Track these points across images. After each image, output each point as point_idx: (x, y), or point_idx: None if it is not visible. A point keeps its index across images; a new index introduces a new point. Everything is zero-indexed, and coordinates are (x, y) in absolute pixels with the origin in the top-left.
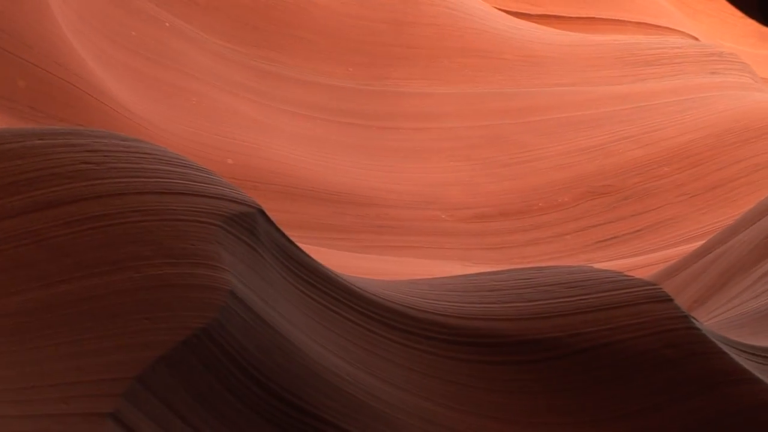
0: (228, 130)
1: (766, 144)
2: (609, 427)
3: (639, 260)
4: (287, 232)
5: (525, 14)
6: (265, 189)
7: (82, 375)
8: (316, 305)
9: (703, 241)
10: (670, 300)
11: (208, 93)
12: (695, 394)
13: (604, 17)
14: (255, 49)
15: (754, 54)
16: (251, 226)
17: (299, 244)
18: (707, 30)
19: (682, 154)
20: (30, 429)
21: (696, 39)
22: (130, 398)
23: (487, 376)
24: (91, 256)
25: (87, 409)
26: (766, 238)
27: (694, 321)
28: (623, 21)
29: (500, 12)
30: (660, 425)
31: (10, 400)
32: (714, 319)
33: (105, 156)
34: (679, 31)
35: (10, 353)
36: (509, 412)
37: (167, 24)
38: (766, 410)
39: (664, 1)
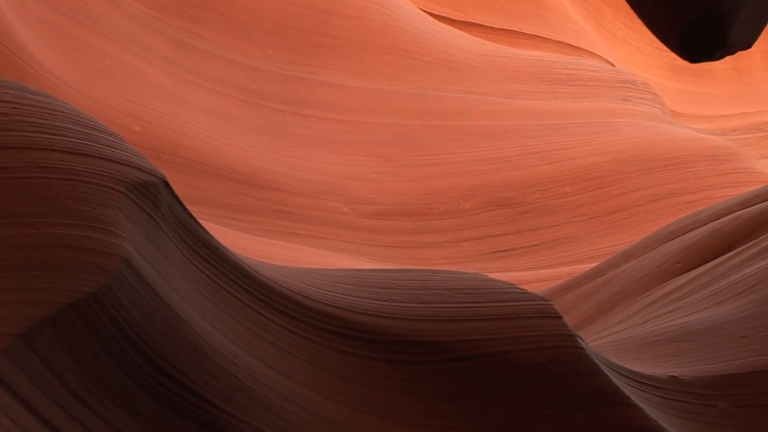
0: (139, 97)
1: (668, 176)
2: None
3: (532, 275)
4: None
5: (448, 19)
6: (169, 160)
7: None
8: (209, 283)
9: (597, 263)
10: (559, 317)
11: (123, 57)
12: (573, 412)
13: (525, 32)
14: (176, 20)
15: (666, 86)
16: (154, 196)
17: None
18: (624, 57)
19: (586, 175)
20: None
21: (612, 65)
22: (10, 354)
23: (370, 372)
24: None
25: None
26: (658, 268)
27: (579, 340)
28: (544, 38)
29: (424, 14)
30: None
31: None
32: (599, 341)
33: (14, 107)
34: (596, 54)
35: None
36: (387, 409)
37: None
38: None
39: (585, 24)
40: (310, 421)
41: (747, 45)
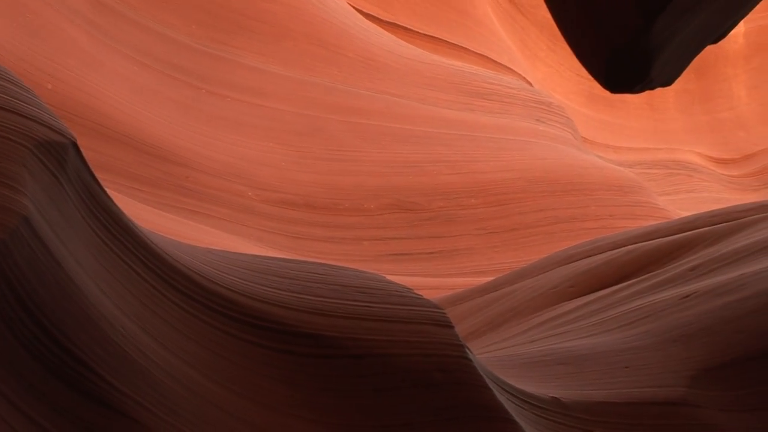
0: (55, 56)
1: (571, 200)
2: None
3: (428, 281)
4: None
5: (376, 18)
6: (79, 123)
7: None
8: (107, 250)
9: (492, 278)
10: (451, 327)
11: (45, 13)
12: (453, 422)
13: (449, 41)
14: None
15: (580, 112)
16: (62, 157)
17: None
18: (542, 78)
19: (492, 190)
20: None
21: (530, 84)
22: None
23: (258, 359)
24: None
25: None
26: (552, 290)
27: (468, 352)
28: (467, 50)
29: (353, 10)
30: None
31: None
32: (487, 354)
33: None
34: (516, 72)
35: None
36: (269, 398)
37: None
38: None
39: (509, 40)
40: (191, 401)
41: (667, 82)
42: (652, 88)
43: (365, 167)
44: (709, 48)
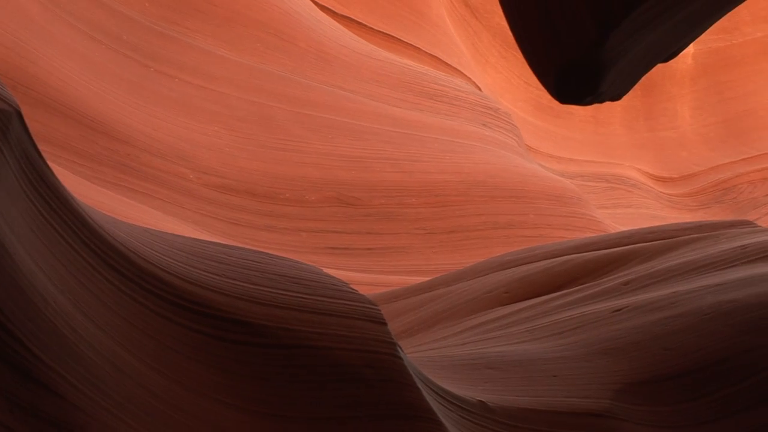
0: (6, 24)
1: (511, 207)
2: (280, 424)
3: (363, 276)
4: None
5: (331, 11)
6: (23, 93)
7: None
8: (43, 223)
9: (428, 278)
10: (384, 324)
11: None
12: (378, 418)
13: (403, 39)
14: None
15: (526, 120)
16: (4, 126)
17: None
18: (492, 84)
19: (433, 191)
20: None
21: (479, 89)
22: None
23: (189, 342)
24: None
25: None
26: (486, 294)
27: (400, 350)
28: (419, 49)
29: (308, 1)
30: None
31: None
32: (417, 354)
33: None
34: (466, 75)
35: None
36: (198, 382)
37: None
38: None
39: (461, 44)
40: (119, 380)
41: (617, 97)
42: (601, 102)
43: (309, 158)
44: (658, 66)
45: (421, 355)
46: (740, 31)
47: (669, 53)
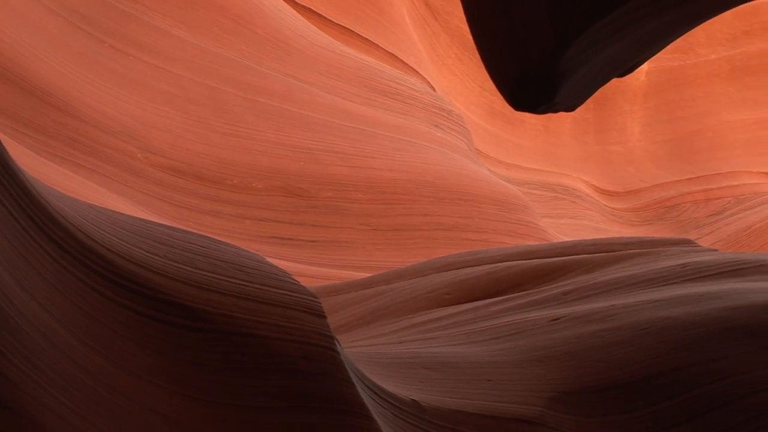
0: None
1: (456, 209)
2: (213, 410)
3: (305, 268)
4: None
5: (291, 0)
6: None
7: None
8: None
9: (370, 274)
10: (324, 317)
11: None
12: (311, 411)
13: (361, 35)
14: None
15: (478, 124)
16: None
17: None
18: (446, 85)
19: (381, 188)
20: None
21: (433, 89)
22: None
23: (127, 322)
24: None
25: None
26: (426, 294)
27: (337, 344)
28: (377, 46)
29: None
30: (266, 426)
31: None
32: (354, 349)
33: None
34: (421, 75)
35: None
36: (133, 363)
37: None
38: None
39: (419, 43)
40: (53, 356)
41: (571, 108)
42: (555, 112)
43: (259, 146)
44: (612, 81)
45: (358, 350)
46: (695, 52)
47: (625, 68)
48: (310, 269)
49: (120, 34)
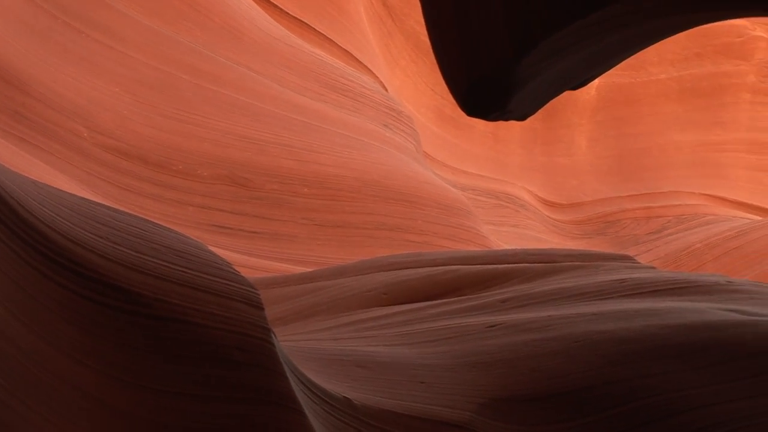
0: None
1: (400, 210)
2: (143, 394)
3: (245, 259)
4: None
5: None
6: None
7: None
8: None
9: (310, 269)
10: (262, 309)
11: None
12: (243, 402)
13: (317, 29)
14: None
15: (427, 127)
16: None
17: None
18: (398, 86)
19: (326, 184)
20: None
21: (385, 89)
22: None
23: (63, 302)
24: None
25: None
26: (365, 293)
27: (273, 337)
28: (332, 41)
29: None
30: (196, 414)
31: None
32: (290, 343)
33: None
34: (374, 74)
35: None
36: (66, 343)
37: None
38: None
39: (374, 42)
40: None
41: (522, 117)
42: (506, 120)
43: (207, 134)
44: (563, 93)
45: (294, 344)
46: (646, 71)
47: (579, 82)
48: (249, 260)
49: (74, 12)
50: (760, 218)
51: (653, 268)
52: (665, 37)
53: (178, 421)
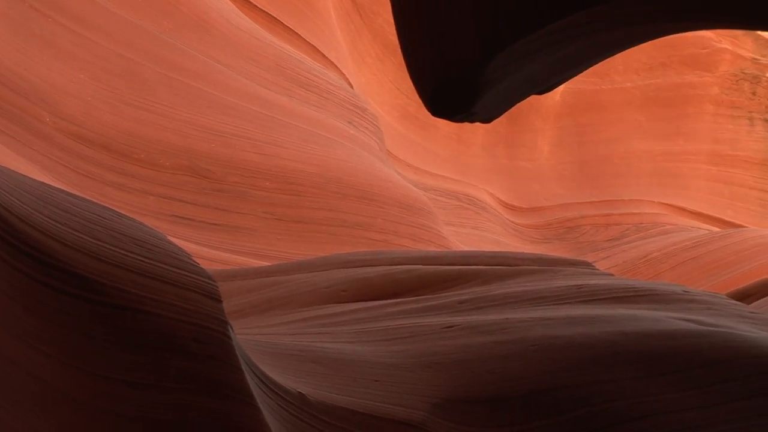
0: None
1: (361, 208)
2: (97, 383)
3: (204, 251)
4: None
5: None
6: None
7: None
8: None
9: (268, 263)
10: (220, 301)
11: None
12: (196, 393)
13: (285, 23)
14: None
15: (391, 125)
16: None
17: None
18: (364, 84)
19: (288, 178)
20: None
21: (351, 86)
22: None
23: (19, 286)
24: None
25: None
26: (324, 289)
27: (230, 329)
28: (300, 37)
29: None
30: (150, 404)
31: None
32: (246, 336)
33: None
34: (340, 70)
35: None
36: (20, 327)
37: None
38: None
39: (341, 38)
40: None
41: (487, 119)
42: (471, 121)
43: (171, 124)
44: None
45: (250, 338)
46: (611, 78)
47: (545, 86)
48: (208, 252)
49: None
50: (718, 229)
51: (611, 275)
52: (634, 45)
53: (134, 411)
